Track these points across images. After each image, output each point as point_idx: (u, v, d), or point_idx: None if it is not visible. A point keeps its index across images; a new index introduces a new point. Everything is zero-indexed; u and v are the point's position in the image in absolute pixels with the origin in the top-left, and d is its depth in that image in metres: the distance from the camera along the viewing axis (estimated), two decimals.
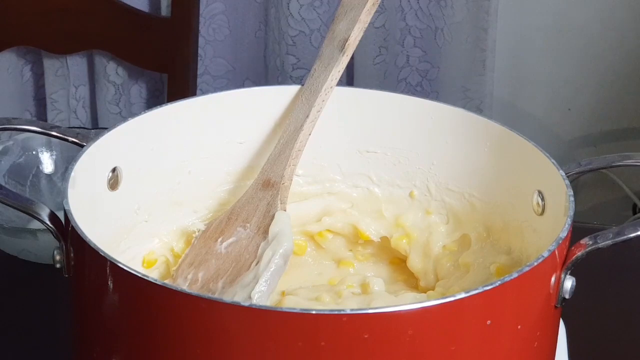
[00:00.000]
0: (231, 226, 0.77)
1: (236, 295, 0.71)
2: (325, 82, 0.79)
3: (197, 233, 0.79)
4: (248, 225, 0.77)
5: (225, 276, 0.74)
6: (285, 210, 0.77)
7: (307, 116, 0.78)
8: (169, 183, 0.80)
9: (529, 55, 1.81)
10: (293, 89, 0.82)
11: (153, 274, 0.78)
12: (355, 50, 0.80)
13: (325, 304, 0.77)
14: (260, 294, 0.70)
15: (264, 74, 1.74)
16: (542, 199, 0.73)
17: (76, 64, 1.73)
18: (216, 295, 0.72)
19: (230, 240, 0.76)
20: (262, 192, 0.78)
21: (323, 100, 0.79)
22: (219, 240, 0.77)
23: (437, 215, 0.83)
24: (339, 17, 0.81)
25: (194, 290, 0.73)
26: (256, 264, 0.73)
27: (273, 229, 0.75)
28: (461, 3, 1.68)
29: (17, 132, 0.96)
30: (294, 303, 0.76)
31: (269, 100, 0.82)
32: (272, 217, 0.76)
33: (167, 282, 0.68)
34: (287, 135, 0.79)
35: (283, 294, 0.80)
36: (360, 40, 0.80)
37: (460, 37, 1.70)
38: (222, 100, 0.80)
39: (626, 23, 1.75)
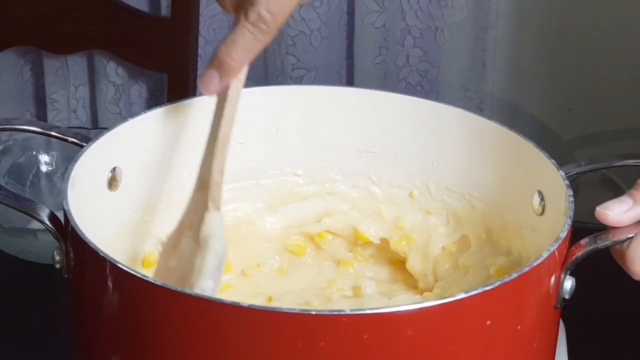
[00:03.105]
0: (179, 238, 0.72)
1: None
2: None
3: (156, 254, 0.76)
4: (190, 233, 0.71)
5: None
6: (217, 209, 0.71)
7: (225, 100, 0.72)
8: (169, 183, 0.80)
9: (529, 55, 1.80)
10: (293, 89, 0.82)
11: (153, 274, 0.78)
12: (355, 50, 0.80)
13: (314, 308, 0.77)
14: None
15: (264, 74, 1.73)
16: (542, 199, 0.73)
17: (76, 64, 1.73)
18: None
19: (177, 254, 0.71)
20: (198, 194, 0.72)
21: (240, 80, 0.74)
22: (172, 257, 0.72)
23: (437, 216, 0.83)
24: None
25: None
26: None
27: (202, 233, 0.69)
28: (461, 3, 1.68)
29: (17, 132, 0.97)
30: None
31: (269, 100, 0.82)
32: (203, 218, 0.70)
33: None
34: (212, 128, 0.73)
35: (270, 298, 0.79)
36: (361, 40, 0.80)
37: (461, 37, 1.70)
38: None
39: (626, 23, 1.75)
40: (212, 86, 0.71)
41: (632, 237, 0.65)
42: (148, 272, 0.77)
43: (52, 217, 0.68)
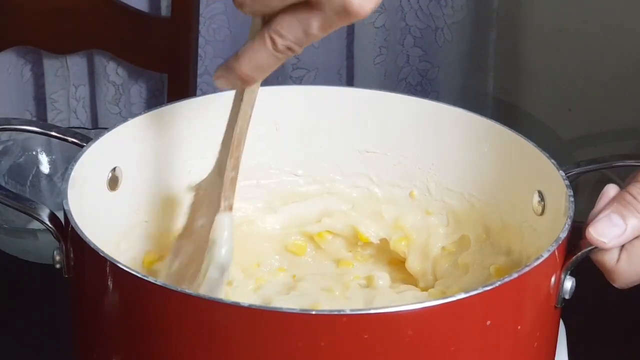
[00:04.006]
0: (198, 209, 0.72)
1: None
2: None
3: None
4: (205, 218, 0.71)
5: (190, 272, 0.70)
6: (229, 210, 0.70)
7: (242, 99, 0.70)
8: (169, 183, 0.80)
9: (529, 55, 1.80)
10: (293, 89, 0.82)
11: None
12: (355, 50, 0.80)
13: (334, 297, 0.77)
14: None
15: None
16: (542, 199, 0.73)
17: (76, 64, 1.73)
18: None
19: (195, 227, 0.71)
20: (219, 180, 0.71)
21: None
22: (199, 220, 0.72)
23: (436, 216, 0.83)
24: None
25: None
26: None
27: (211, 236, 0.69)
28: (461, 3, 1.68)
29: (17, 132, 0.97)
30: (305, 290, 0.76)
31: (269, 100, 0.82)
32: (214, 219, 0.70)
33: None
34: (230, 120, 0.71)
35: (294, 277, 0.79)
36: (360, 40, 0.80)
37: (460, 37, 1.70)
38: (222, 100, 0.80)
39: (626, 23, 1.75)
40: (225, 86, 0.68)
41: (620, 253, 0.65)
42: (148, 272, 0.78)
43: (52, 217, 0.68)
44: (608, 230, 0.65)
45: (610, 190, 0.67)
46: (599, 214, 0.65)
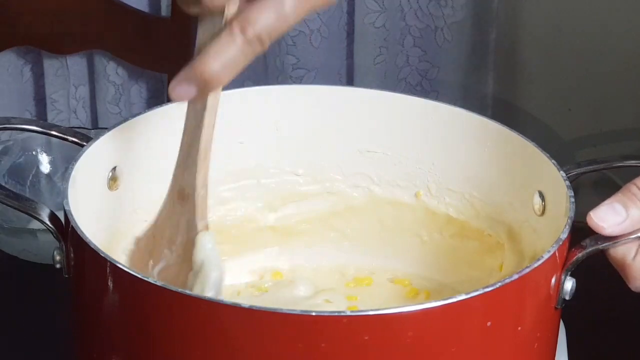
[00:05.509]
0: (158, 247, 0.68)
1: None
2: None
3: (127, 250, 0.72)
4: (174, 247, 0.67)
5: None
6: (206, 229, 0.67)
7: (205, 107, 0.66)
8: (169, 183, 0.80)
9: (529, 55, 1.80)
10: (293, 89, 0.82)
11: None
12: (355, 50, 0.79)
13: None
14: None
15: (264, 74, 1.73)
16: (543, 200, 0.73)
17: (76, 64, 1.73)
18: None
19: (160, 265, 0.68)
20: (179, 206, 0.67)
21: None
22: (150, 264, 0.68)
23: (436, 215, 0.83)
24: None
25: None
26: None
27: (196, 258, 0.65)
28: (461, 3, 1.68)
29: (17, 132, 0.97)
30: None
31: (269, 100, 0.82)
32: (194, 241, 0.66)
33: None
34: (188, 133, 0.67)
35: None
36: (360, 40, 0.80)
37: (460, 37, 1.70)
38: (222, 100, 0.80)
39: (626, 23, 1.75)
40: (186, 97, 0.64)
41: (638, 249, 0.65)
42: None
43: (52, 217, 0.68)
44: (609, 217, 0.65)
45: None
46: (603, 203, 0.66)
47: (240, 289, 0.82)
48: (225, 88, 0.67)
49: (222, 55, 0.60)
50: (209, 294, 0.65)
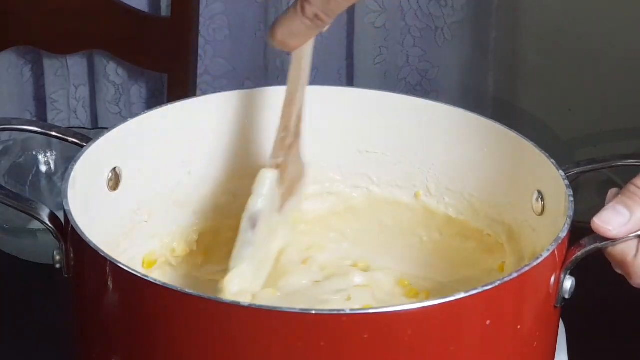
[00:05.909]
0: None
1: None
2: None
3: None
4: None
5: None
6: (274, 167, 0.73)
7: (293, 60, 0.73)
8: (169, 183, 0.80)
9: (529, 55, 1.80)
10: None
11: (153, 274, 0.78)
12: (355, 51, 0.79)
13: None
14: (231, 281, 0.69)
15: (264, 74, 1.73)
16: (542, 199, 0.73)
17: (76, 64, 1.73)
18: None
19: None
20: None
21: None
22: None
23: (436, 215, 0.83)
24: None
25: None
26: None
27: (252, 187, 0.72)
28: (461, 2, 1.68)
29: (17, 132, 0.97)
30: None
31: (269, 100, 0.82)
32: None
33: None
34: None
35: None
36: (361, 40, 0.80)
37: (460, 37, 1.70)
38: (222, 100, 0.80)
39: (626, 23, 1.75)
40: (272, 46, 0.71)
41: (638, 246, 0.65)
42: (148, 273, 0.78)
43: (52, 217, 0.68)
44: (613, 219, 0.65)
45: (615, 191, 0.67)
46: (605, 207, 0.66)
47: None
48: (225, 88, 0.68)
49: (286, 25, 0.68)
50: (246, 221, 0.70)
